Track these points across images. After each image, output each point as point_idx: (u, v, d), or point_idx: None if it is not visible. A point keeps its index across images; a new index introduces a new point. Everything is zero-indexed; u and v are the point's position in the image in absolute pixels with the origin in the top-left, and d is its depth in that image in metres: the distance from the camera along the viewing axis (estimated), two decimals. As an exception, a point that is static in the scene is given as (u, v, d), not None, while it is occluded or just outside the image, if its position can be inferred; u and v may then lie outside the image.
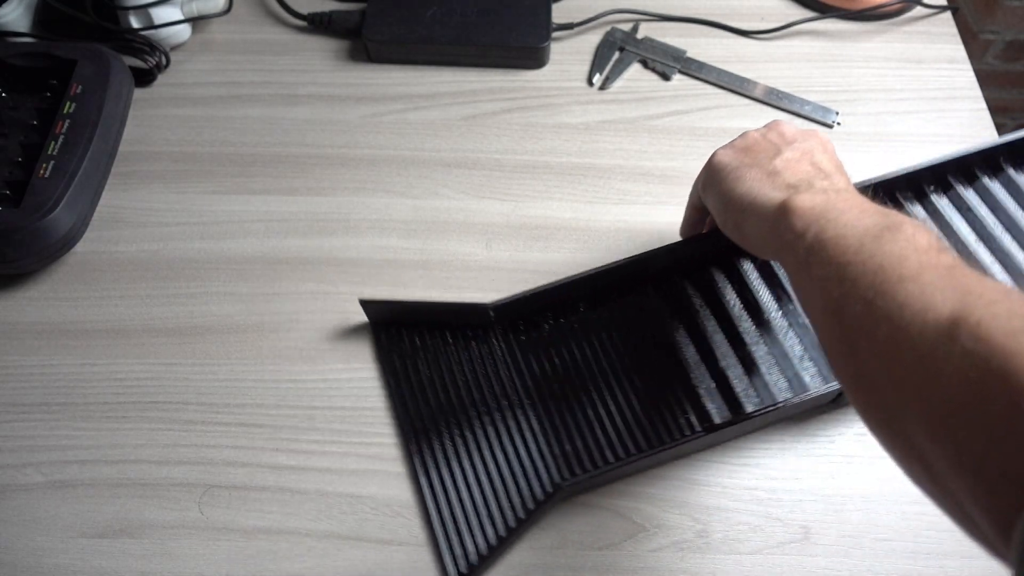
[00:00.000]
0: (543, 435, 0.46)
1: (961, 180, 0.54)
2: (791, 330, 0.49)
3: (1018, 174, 0.54)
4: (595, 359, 0.49)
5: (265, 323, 0.51)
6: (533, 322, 0.50)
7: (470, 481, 0.45)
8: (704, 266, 0.51)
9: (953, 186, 0.54)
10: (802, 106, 0.61)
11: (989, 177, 0.54)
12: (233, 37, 0.65)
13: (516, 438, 0.46)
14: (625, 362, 0.48)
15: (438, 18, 0.62)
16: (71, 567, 0.43)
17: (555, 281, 0.48)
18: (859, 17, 0.66)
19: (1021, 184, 0.53)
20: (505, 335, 0.49)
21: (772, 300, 0.50)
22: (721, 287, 0.51)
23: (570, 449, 0.45)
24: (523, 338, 0.49)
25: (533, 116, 0.61)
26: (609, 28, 0.65)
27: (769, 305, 0.50)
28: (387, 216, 0.56)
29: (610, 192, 0.57)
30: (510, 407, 0.47)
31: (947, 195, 0.54)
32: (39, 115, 0.55)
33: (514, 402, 0.47)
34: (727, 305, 0.50)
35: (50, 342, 0.50)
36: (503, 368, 0.48)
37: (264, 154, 0.59)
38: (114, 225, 0.55)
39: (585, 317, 0.50)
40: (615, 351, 0.49)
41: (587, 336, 0.49)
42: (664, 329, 0.49)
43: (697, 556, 0.44)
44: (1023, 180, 0.53)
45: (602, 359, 0.48)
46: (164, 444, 0.47)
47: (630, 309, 0.50)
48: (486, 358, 0.48)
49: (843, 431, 0.47)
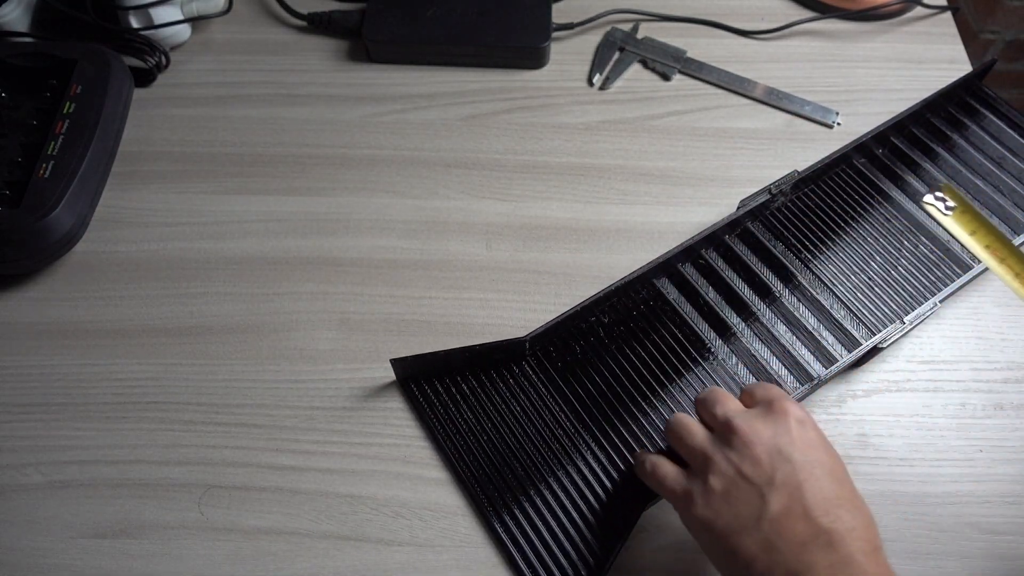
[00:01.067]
0: (606, 456, 0.46)
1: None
2: (801, 305, 0.50)
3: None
4: (633, 368, 0.48)
5: (265, 323, 0.51)
6: (566, 345, 0.49)
7: (550, 516, 0.44)
8: (706, 252, 0.53)
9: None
10: (802, 106, 0.61)
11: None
12: (233, 37, 0.65)
13: (578, 461, 0.45)
14: (662, 364, 0.49)
15: (438, 18, 0.62)
16: (71, 567, 0.43)
17: (583, 302, 0.48)
18: (859, 17, 0.66)
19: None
20: (540, 364, 0.49)
21: (778, 281, 0.51)
22: (723, 271, 0.52)
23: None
24: (559, 364, 0.49)
25: (533, 116, 0.61)
26: (609, 28, 0.65)
27: (776, 286, 0.51)
28: (387, 216, 0.56)
29: (610, 192, 0.57)
30: (565, 435, 0.46)
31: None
32: (39, 115, 0.55)
33: (568, 430, 0.47)
34: (737, 289, 0.51)
35: (50, 342, 0.50)
36: (548, 397, 0.48)
37: (264, 154, 0.59)
38: (114, 225, 0.55)
39: (611, 330, 0.50)
40: (649, 356, 0.49)
41: (620, 347, 0.49)
42: (687, 322, 0.50)
43: (697, 555, 0.43)
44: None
45: (639, 367, 0.49)
46: (164, 444, 0.47)
47: (652, 311, 0.51)
48: (527, 391, 0.48)
49: (843, 431, 0.47)
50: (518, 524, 0.44)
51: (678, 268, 0.52)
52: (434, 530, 0.44)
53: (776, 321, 0.50)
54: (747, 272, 0.52)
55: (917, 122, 0.58)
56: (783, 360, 0.49)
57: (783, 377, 0.48)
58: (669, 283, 0.52)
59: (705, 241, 0.51)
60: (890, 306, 0.50)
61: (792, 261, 0.52)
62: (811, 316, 0.50)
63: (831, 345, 0.49)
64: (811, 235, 0.53)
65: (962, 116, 0.59)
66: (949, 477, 0.46)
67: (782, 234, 0.53)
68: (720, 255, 0.53)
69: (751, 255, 0.53)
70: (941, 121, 0.58)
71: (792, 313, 0.50)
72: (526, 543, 0.43)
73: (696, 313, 0.50)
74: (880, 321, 0.50)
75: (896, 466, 0.46)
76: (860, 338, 0.49)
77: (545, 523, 0.44)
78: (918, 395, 0.49)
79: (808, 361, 0.49)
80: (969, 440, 0.47)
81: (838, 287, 0.51)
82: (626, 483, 0.45)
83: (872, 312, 0.50)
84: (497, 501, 0.44)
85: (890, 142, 0.57)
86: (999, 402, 0.48)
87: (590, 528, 0.44)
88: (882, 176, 0.56)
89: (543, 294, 0.52)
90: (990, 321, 0.51)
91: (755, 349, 0.49)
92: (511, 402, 0.47)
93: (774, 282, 0.52)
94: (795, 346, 0.49)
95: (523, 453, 0.46)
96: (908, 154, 0.57)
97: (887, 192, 0.55)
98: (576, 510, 0.44)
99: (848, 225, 0.54)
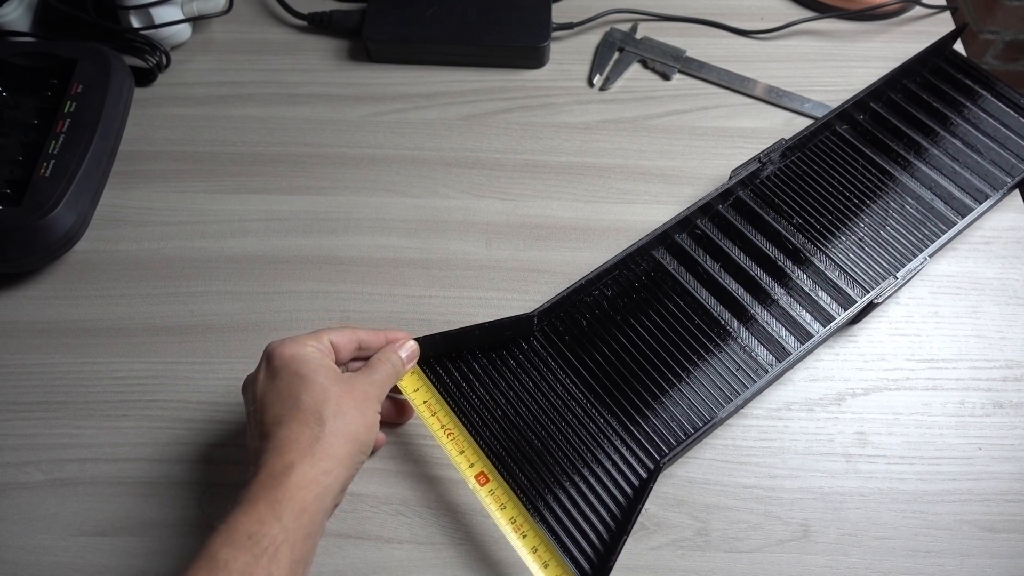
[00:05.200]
0: (618, 422, 0.46)
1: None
2: (796, 268, 0.52)
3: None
4: (639, 337, 0.49)
5: (265, 322, 0.51)
6: (572, 320, 0.50)
7: (571, 486, 0.44)
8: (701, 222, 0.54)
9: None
10: (802, 104, 0.61)
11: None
12: (233, 37, 0.65)
13: (595, 432, 0.46)
14: (667, 332, 0.49)
15: (438, 18, 0.62)
16: (71, 565, 0.43)
17: (587, 275, 0.49)
18: (859, 17, 0.66)
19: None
20: (548, 340, 0.49)
21: (772, 246, 0.53)
22: (719, 239, 0.53)
23: (651, 428, 0.46)
24: (567, 338, 0.49)
25: (533, 116, 0.61)
26: (608, 28, 0.65)
27: (770, 251, 0.53)
28: (387, 215, 0.56)
29: (610, 191, 0.57)
30: (578, 405, 0.47)
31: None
32: (40, 114, 0.55)
33: (580, 401, 0.47)
34: (733, 256, 0.53)
35: (51, 341, 0.51)
36: (560, 372, 0.48)
37: (264, 154, 0.59)
38: (114, 224, 0.55)
39: (615, 303, 0.51)
40: (654, 325, 0.50)
41: (625, 319, 0.50)
42: (688, 291, 0.51)
43: (697, 554, 0.44)
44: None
45: (645, 336, 0.49)
46: (164, 442, 0.47)
47: (654, 282, 0.52)
48: (537, 367, 0.48)
49: (842, 429, 0.47)
50: (532, 504, 0.44)
51: (675, 239, 0.53)
52: (434, 528, 0.44)
53: (773, 284, 0.51)
54: (742, 239, 0.53)
55: (895, 88, 0.60)
56: (782, 321, 0.50)
57: (784, 337, 0.49)
58: (668, 254, 0.53)
59: (700, 211, 0.53)
60: (881, 264, 0.52)
61: (784, 227, 0.54)
62: (806, 278, 0.52)
63: (828, 304, 0.50)
64: (801, 201, 0.55)
65: (937, 80, 0.61)
66: (948, 475, 0.46)
67: (773, 201, 0.55)
68: (715, 224, 0.54)
69: (744, 223, 0.54)
70: (917, 86, 0.60)
71: (788, 276, 0.52)
72: (544, 526, 0.43)
73: (696, 281, 0.52)
74: (872, 279, 0.51)
75: (895, 464, 0.46)
76: (855, 296, 0.50)
77: (561, 505, 0.44)
78: (917, 393, 0.49)
79: (807, 321, 0.50)
80: (968, 438, 0.47)
81: (830, 249, 0.53)
82: (635, 451, 0.45)
83: (865, 271, 0.52)
84: (509, 481, 0.44)
85: (871, 108, 0.59)
86: (998, 400, 0.49)
87: (606, 510, 0.44)
88: (865, 141, 0.58)
89: (543, 293, 0.52)
90: (989, 320, 0.51)
91: (755, 312, 0.50)
92: (525, 379, 0.48)
93: (768, 247, 0.53)
94: (793, 307, 0.50)
95: (538, 427, 0.46)
96: (888, 119, 0.59)
97: (871, 156, 0.57)
98: (590, 489, 0.44)
99: (836, 189, 0.56)
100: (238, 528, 0.34)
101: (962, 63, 0.61)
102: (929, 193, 0.55)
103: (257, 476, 0.36)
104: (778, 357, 0.48)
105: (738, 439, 0.47)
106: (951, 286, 0.53)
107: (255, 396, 0.40)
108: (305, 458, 0.36)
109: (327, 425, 0.37)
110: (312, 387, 0.38)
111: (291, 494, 0.35)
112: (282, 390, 0.38)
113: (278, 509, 0.34)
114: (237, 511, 0.34)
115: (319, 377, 0.39)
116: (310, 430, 0.37)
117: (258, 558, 0.33)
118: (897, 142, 0.58)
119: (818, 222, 0.54)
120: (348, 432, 0.38)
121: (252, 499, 0.35)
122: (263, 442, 0.37)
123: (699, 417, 0.46)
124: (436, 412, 0.44)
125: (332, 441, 0.37)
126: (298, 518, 0.35)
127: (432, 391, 0.45)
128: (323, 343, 0.41)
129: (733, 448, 0.47)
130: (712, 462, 0.46)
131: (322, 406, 0.38)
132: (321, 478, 0.36)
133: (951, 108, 0.59)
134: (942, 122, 0.58)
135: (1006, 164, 0.56)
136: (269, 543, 0.33)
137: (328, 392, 0.38)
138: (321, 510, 0.36)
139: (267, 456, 0.36)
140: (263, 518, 0.34)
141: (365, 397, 0.40)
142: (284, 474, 0.35)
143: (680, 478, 0.46)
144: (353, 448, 0.38)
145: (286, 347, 0.40)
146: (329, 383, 0.39)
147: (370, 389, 0.40)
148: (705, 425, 0.45)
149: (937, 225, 0.53)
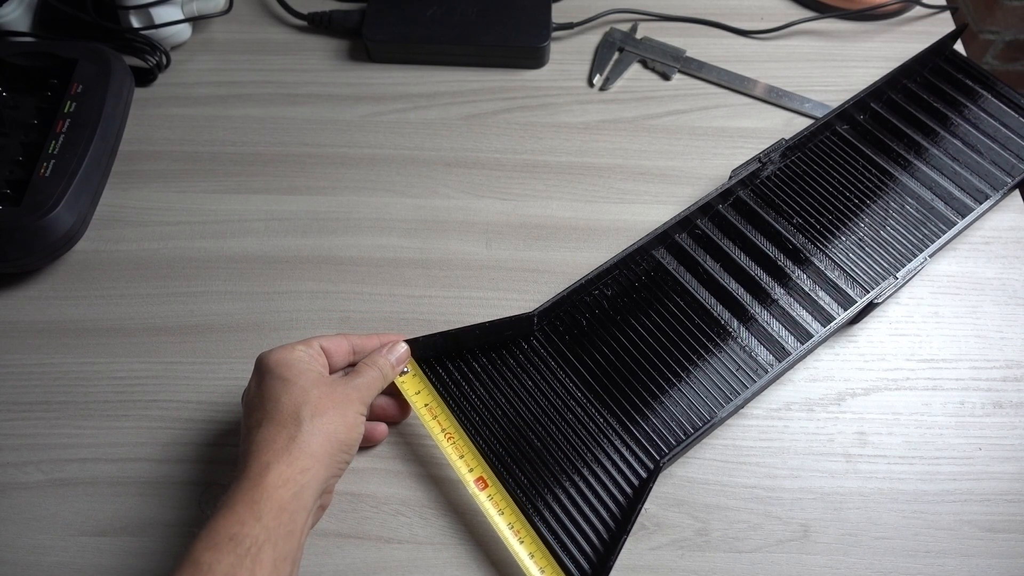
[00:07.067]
0: (618, 422, 0.46)
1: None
2: (796, 268, 0.52)
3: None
4: (639, 337, 0.49)
5: (265, 322, 0.51)
6: (572, 320, 0.50)
7: (571, 485, 0.44)
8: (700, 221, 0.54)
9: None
10: (802, 104, 0.61)
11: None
12: (233, 37, 0.65)
13: (595, 431, 0.46)
14: (667, 332, 0.49)
15: (438, 18, 0.62)
16: (72, 565, 0.43)
17: (587, 274, 0.49)
18: (859, 17, 0.66)
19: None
20: (548, 340, 0.49)
21: (772, 246, 0.53)
22: (719, 239, 0.53)
23: (650, 428, 0.46)
24: (567, 338, 0.49)
25: (533, 116, 0.61)
26: (608, 28, 0.65)
27: (770, 251, 0.53)
28: (387, 215, 0.56)
29: (610, 191, 0.57)
30: (578, 405, 0.47)
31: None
32: (40, 114, 0.55)
33: (580, 400, 0.47)
34: (733, 256, 0.53)
35: (51, 341, 0.51)
36: (559, 372, 0.48)
37: (264, 154, 0.59)
38: (114, 224, 0.55)
39: (615, 302, 0.51)
40: (654, 325, 0.50)
41: (625, 319, 0.50)
42: (687, 290, 0.51)
43: (697, 554, 0.44)
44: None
45: (645, 336, 0.49)
46: (164, 442, 0.47)
47: (654, 282, 0.52)
48: (537, 366, 0.48)
49: (842, 429, 0.47)
50: (532, 505, 0.44)
51: (675, 239, 0.53)
52: (434, 528, 0.44)
53: (773, 284, 0.51)
54: (742, 239, 0.53)
55: (895, 88, 0.60)
56: (782, 321, 0.50)
57: (783, 337, 0.49)
58: (668, 254, 0.53)
59: (700, 211, 0.53)
60: (881, 264, 0.52)
61: (784, 226, 0.54)
62: (806, 278, 0.52)
63: (828, 304, 0.50)
64: (801, 201, 0.55)
65: (937, 80, 0.61)
66: (948, 475, 0.46)
67: (773, 201, 0.55)
68: (715, 224, 0.54)
69: (744, 223, 0.54)
70: (917, 86, 0.60)
71: (788, 276, 0.52)
72: (544, 526, 0.43)
73: (696, 281, 0.52)
74: (872, 279, 0.51)
75: (895, 464, 0.46)
76: (855, 296, 0.50)
77: (561, 505, 0.44)
78: (917, 393, 0.49)
79: (807, 321, 0.50)
80: (968, 438, 0.47)
81: (830, 249, 0.53)
82: (635, 452, 0.45)
83: (865, 271, 0.52)
84: (509, 481, 0.44)
85: (871, 108, 0.59)
86: (998, 400, 0.49)
87: (606, 509, 0.44)
88: (865, 141, 0.58)
89: (543, 293, 0.52)
90: (989, 320, 0.51)
91: (755, 312, 0.50)
92: (525, 379, 0.48)
93: (768, 247, 0.53)
94: (793, 307, 0.50)
95: (538, 426, 0.46)
96: (888, 119, 0.59)
97: (871, 156, 0.57)
98: (590, 488, 0.44)
99: (836, 189, 0.56)
100: (219, 531, 0.34)
101: (962, 63, 0.61)
102: (929, 193, 0.55)
103: (236, 480, 0.36)
104: (778, 357, 0.48)
105: (738, 439, 0.47)
106: (951, 286, 0.53)
107: (244, 404, 0.40)
108: (281, 457, 0.36)
109: (304, 425, 0.37)
110: (292, 389, 0.38)
111: (268, 493, 0.35)
112: (264, 394, 0.39)
113: (257, 509, 0.34)
114: (217, 515, 0.35)
115: (300, 380, 0.39)
116: (287, 430, 0.37)
117: (241, 559, 0.33)
118: (897, 142, 0.58)
119: (818, 222, 0.54)
120: (326, 431, 0.38)
121: (231, 502, 0.35)
122: (244, 446, 0.38)
123: (699, 417, 0.46)
124: (437, 416, 0.44)
125: (309, 440, 0.37)
126: (277, 516, 0.35)
127: (433, 394, 0.45)
128: (313, 348, 0.42)
129: (733, 448, 0.47)
130: (712, 462, 0.46)
131: (300, 407, 0.38)
132: (298, 476, 0.36)
133: (951, 108, 0.59)
134: (942, 122, 0.58)
135: (1006, 164, 0.56)
136: (251, 543, 0.34)
137: (308, 394, 0.38)
138: (301, 508, 0.36)
139: (246, 459, 0.37)
140: (243, 519, 0.34)
141: (346, 399, 0.40)
142: (261, 475, 0.35)
143: (680, 478, 0.46)
144: (332, 447, 0.38)
145: (273, 353, 0.40)
146: (310, 385, 0.39)
147: (352, 392, 0.40)
148: (705, 425, 0.45)
149: (937, 225, 0.53)
